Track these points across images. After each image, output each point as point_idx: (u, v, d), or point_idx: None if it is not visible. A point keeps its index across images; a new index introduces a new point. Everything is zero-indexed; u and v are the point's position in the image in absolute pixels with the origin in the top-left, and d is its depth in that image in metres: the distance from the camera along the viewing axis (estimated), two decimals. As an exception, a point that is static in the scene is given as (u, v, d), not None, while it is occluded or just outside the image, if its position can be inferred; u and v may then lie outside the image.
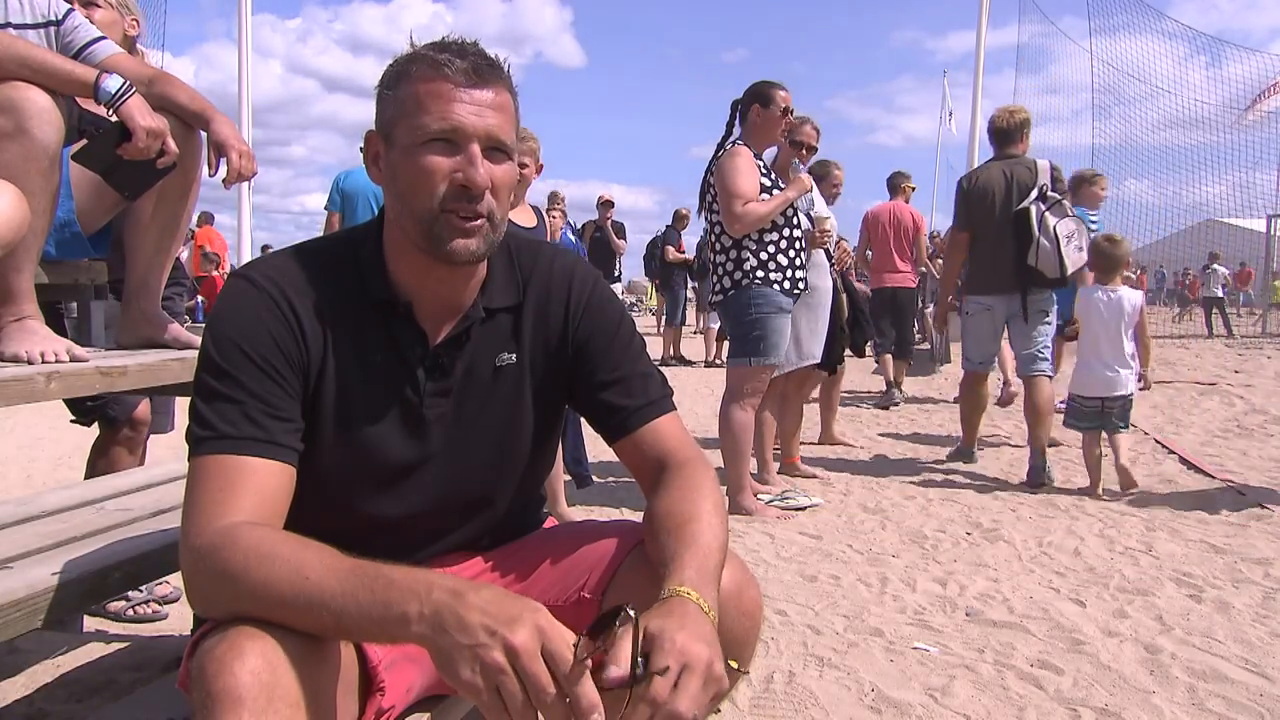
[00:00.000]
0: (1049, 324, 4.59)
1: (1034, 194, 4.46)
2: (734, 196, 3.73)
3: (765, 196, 3.76)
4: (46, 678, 2.18)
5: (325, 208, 5.26)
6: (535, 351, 1.26)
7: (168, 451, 3.34)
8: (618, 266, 10.85)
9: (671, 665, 0.87)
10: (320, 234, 5.33)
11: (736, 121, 3.98)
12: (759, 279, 3.78)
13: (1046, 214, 4.39)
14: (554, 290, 1.26)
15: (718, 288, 3.93)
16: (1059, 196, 4.47)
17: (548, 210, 4.13)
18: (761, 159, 3.91)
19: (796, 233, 3.89)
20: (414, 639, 0.88)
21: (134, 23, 2.48)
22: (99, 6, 2.32)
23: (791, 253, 3.84)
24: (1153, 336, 4.70)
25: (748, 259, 3.79)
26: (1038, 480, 4.40)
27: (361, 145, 1.20)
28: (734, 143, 3.88)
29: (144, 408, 2.68)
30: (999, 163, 4.67)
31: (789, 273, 3.82)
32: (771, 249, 3.80)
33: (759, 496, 4.02)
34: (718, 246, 3.89)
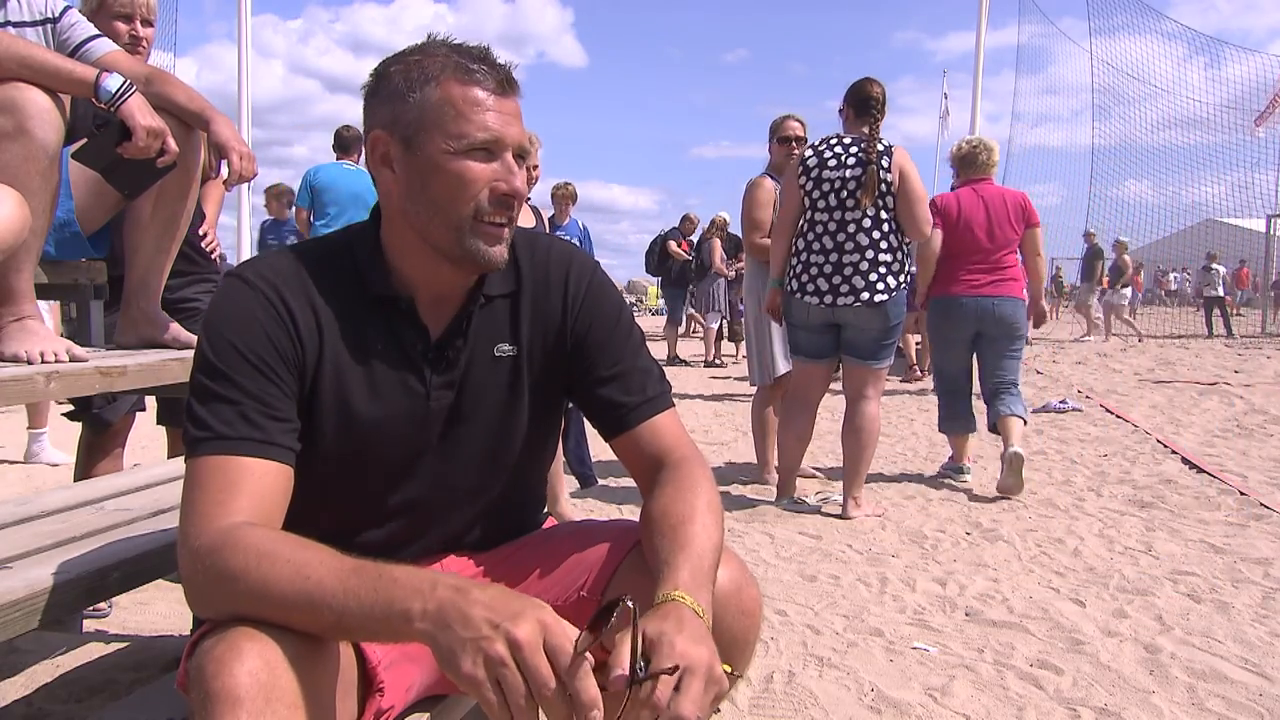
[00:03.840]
0: None
1: None
2: (925, 200, 3.83)
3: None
4: (46, 678, 2.17)
5: (294, 204, 5.07)
6: (534, 345, 1.26)
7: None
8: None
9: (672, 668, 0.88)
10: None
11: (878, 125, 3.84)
12: (906, 283, 3.88)
13: None
14: (552, 279, 1.26)
15: (881, 286, 3.75)
16: None
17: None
18: None
19: None
20: (416, 636, 0.88)
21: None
22: (152, 25, 2.38)
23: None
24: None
25: (908, 263, 3.90)
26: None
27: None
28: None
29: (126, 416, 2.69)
30: None
31: None
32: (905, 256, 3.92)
33: (799, 498, 4.08)
34: (883, 245, 3.76)
